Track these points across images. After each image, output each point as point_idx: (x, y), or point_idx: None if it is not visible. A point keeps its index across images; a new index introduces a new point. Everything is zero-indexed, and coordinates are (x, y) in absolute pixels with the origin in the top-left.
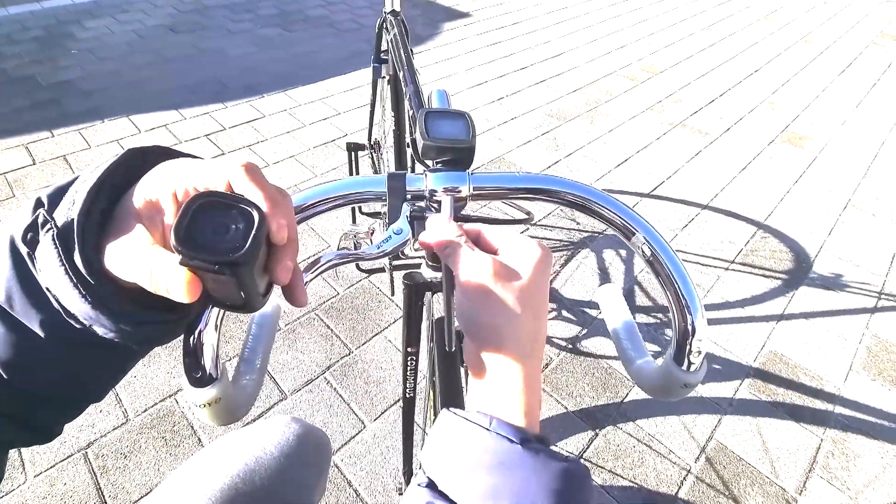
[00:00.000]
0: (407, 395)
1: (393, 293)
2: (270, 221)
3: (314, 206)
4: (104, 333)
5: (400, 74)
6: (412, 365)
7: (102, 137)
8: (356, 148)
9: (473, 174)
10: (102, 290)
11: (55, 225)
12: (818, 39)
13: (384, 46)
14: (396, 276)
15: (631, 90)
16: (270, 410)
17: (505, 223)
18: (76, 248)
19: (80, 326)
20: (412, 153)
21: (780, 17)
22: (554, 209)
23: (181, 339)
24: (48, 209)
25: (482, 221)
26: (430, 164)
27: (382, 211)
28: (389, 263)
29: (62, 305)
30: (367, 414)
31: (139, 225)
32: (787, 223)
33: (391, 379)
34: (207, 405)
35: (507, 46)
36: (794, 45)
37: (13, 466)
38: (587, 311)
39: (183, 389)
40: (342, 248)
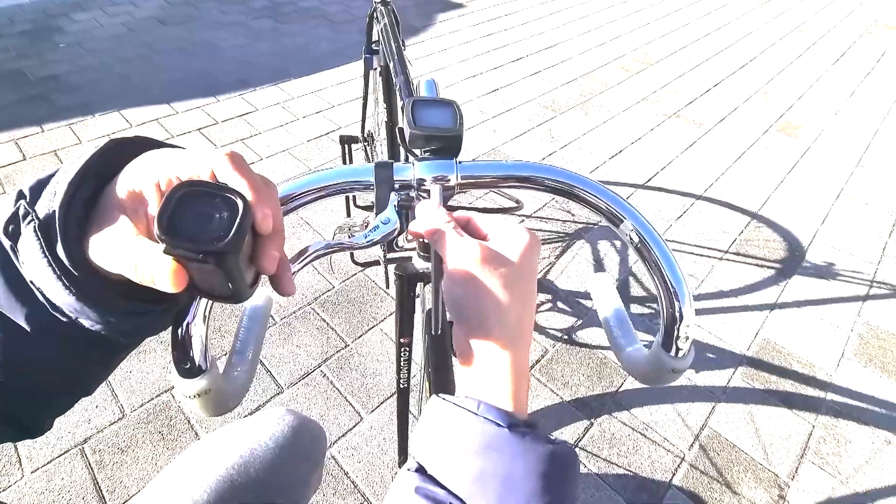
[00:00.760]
0: (401, 385)
1: (388, 286)
2: (255, 210)
3: (301, 196)
4: (91, 326)
5: (390, 65)
6: (406, 356)
7: (93, 132)
8: (350, 140)
9: (461, 163)
10: (87, 281)
11: (36, 216)
12: (812, 29)
13: (375, 37)
14: (391, 268)
15: (625, 81)
16: (267, 404)
17: (493, 212)
18: (58, 239)
19: (66, 320)
20: (400, 141)
21: (774, 6)
22: (548, 200)
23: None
24: (30, 201)
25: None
26: (418, 153)
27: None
28: (384, 256)
29: (47, 298)
30: (363, 406)
31: (123, 216)
32: (780, 213)
33: (387, 371)
34: (197, 396)
35: (500, 38)
36: (788, 34)
37: (10, 463)
38: (582, 302)
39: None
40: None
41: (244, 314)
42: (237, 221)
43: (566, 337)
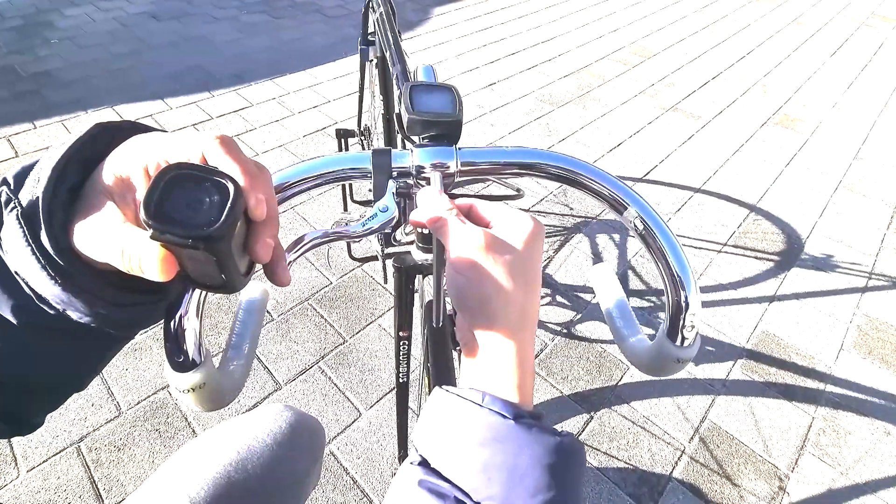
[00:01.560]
0: (400, 380)
1: (386, 280)
2: (248, 196)
3: (296, 184)
4: (79, 318)
5: (387, 54)
6: (405, 350)
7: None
8: (346, 135)
9: (461, 149)
10: (73, 271)
11: (19, 204)
12: (810, 21)
13: (371, 28)
14: (389, 263)
15: (623, 74)
16: (265, 400)
17: (494, 199)
18: (42, 227)
19: (53, 312)
20: (398, 128)
21: None
22: (546, 195)
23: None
24: (13, 189)
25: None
26: (416, 140)
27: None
28: (382, 250)
29: (33, 290)
30: (362, 402)
31: (110, 202)
32: (779, 205)
33: (386, 367)
34: (191, 390)
35: (497, 31)
36: (785, 27)
37: (5, 461)
38: (581, 295)
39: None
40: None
41: (240, 307)
42: (228, 205)
43: (565, 331)
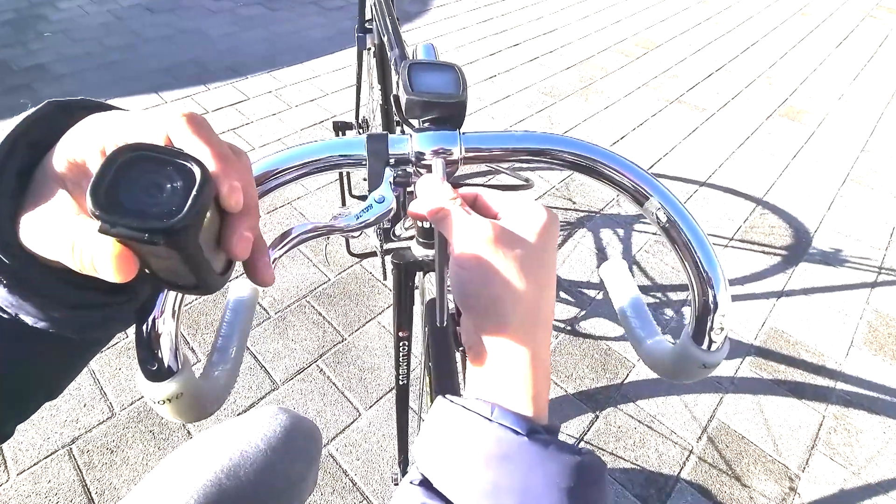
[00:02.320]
0: (400, 381)
1: (385, 277)
2: (220, 182)
3: (282, 173)
4: (33, 322)
5: (385, 39)
6: (405, 350)
7: None
8: (344, 127)
9: (465, 134)
10: (21, 268)
11: None
12: (814, 12)
13: (368, 15)
14: (388, 258)
15: (626, 66)
16: (261, 401)
17: (501, 188)
18: None
19: (7, 316)
20: (395, 112)
21: None
22: (549, 189)
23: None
24: None
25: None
26: (415, 123)
27: None
28: (381, 246)
29: None
30: (361, 402)
31: (61, 190)
32: (785, 199)
33: (386, 366)
34: (167, 401)
35: (498, 23)
36: (790, 18)
37: None
38: (585, 292)
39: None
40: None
41: (227, 307)
42: (193, 193)
43: (569, 328)
